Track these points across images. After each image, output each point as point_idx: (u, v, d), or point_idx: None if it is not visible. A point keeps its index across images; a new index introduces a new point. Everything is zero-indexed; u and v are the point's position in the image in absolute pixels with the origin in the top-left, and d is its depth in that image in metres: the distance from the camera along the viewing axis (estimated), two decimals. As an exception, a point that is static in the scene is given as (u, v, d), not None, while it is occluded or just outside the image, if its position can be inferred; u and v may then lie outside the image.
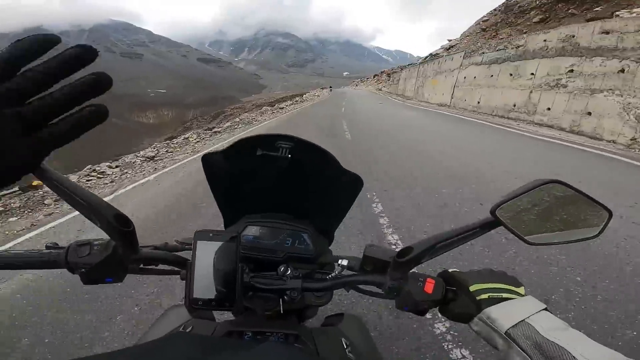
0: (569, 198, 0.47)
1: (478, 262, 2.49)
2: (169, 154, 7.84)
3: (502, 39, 15.70)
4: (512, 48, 10.74)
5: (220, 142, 8.64)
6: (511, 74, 10.46)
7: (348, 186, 0.66)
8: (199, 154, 7.14)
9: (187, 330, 0.56)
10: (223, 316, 0.60)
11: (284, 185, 0.67)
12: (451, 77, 15.73)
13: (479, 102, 12.45)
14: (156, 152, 7.98)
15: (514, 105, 10.17)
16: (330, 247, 0.76)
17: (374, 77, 79.18)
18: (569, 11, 14.16)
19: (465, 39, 22.37)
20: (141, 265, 0.54)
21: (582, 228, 0.49)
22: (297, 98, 33.03)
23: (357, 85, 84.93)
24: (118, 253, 0.49)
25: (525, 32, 14.18)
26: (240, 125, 12.66)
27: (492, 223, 0.48)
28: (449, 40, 25.48)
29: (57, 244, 0.52)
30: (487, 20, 22.92)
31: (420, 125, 9.89)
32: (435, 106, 16.81)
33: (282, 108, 21.13)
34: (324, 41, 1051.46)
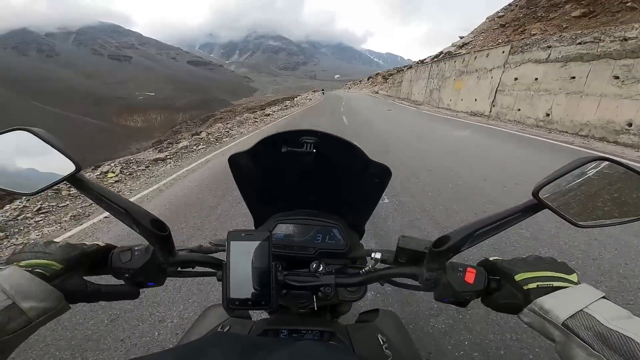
0: (618, 176, 0.44)
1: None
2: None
3: (534, 34, 13.76)
4: (614, 41, 7.17)
5: (148, 189, 4.91)
6: (617, 77, 6.87)
7: (376, 177, 0.64)
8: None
9: (225, 330, 0.56)
10: (258, 315, 0.58)
11: (311, 181, 0.67)
12: (488, 78, 11.95)
13: (548, 115, 8.64)
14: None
15: (630, 125, 6.50)
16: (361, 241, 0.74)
17: (368, 79, 76.01)
18: (628, 4, 11.83)
19: (481, 36, 20.18)
20: (179, 269, 0.55)
21: (634, 206, 0.45)
22: (287, 102, 30.09)
23: (349, 88, 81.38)
24: (157, 257, 0.51)
25: (566, 27, 12.85)
26: (201, 146, 8.56)
27: (535, 206, 0.46)
28: (461, 38, 22.87)
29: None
30: (502, 16, 20.59)
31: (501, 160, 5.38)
32: (464, 115, 12.83)
33: (268, 115, 17.93)
34: (315, 44, 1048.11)
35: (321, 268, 0.60)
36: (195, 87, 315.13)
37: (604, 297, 0.39)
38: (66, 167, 0.47)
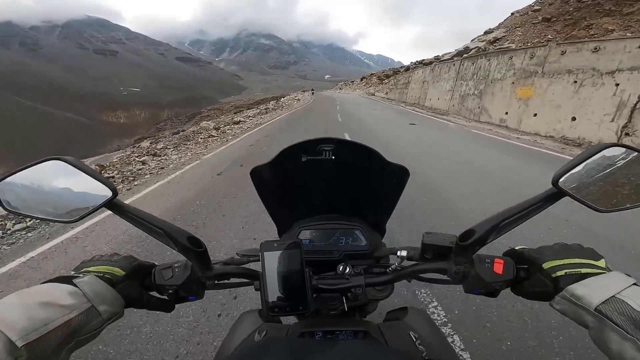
0: (633, 160, 0.45)
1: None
2: None
3: (610, 30, 12.43)
4: None
5: None
6: None
7: (394, 178, 0.65)
8: None
9: (263, 334, 0.58)
10: (287, 319, 0.63)
11: (331, 186, 0.68)
12: (607, 85, 7.46)
13: None
14: None
15: None
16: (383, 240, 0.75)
17: (361, 79, 69.72)
18: None
19: (517, 32, 17.64)
20: (216, 281, 0.57)
21: None
22: (271, 103, 26.33)
23: (341, 89, 76.45)
24: (196, 272, 0.53)
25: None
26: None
27: (556, 194, 0.47)
28: (488, 32, 20.34)
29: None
30: (538, 9, 18.37)
31: None
32: (547, 142, 8.15)
33: (239, 123, 13.86)
34: (307, 44, 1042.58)
35: (348, 270, 0.61)
36: (183, 84, 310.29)
37: (635, 284, 0.39)
38: (102, 192, 0.49)
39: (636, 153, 0.45)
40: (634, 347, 0.34)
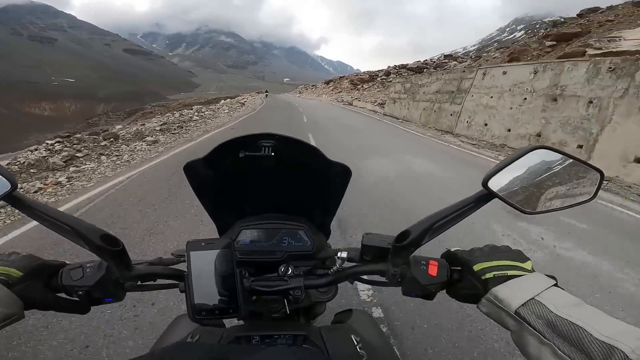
0: (558, 163, 0.48)
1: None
2: None
3: None
4: None
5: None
6: None
7: (337, 177, 0.65)
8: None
9: (195, 339, 0.55)
10: (232, 322, 0.59)
11: (272, 185, 0.67)
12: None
13: None
14: None
15: None
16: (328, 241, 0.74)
17: (327, 83, 60.26)
18: None
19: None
20: (138, 282, 0.54)
21: (576, 191, 0.49)
22: (203, 110, 17.47)
23: (301, 93, 68.00)
24: (112, 273, 0.49)
25: None
26: None
27: (486, 196, 0.48)
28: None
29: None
30: None
31: None
32: None
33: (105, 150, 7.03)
34: (268, 45, 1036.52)
35: (289, 271, 0.60)
36: (127, 77, 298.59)
37: (555, 285, 0.41)
38: (1, 185, 0.45)
39: (561, 156, 0.47)
40: (551, 352, 0.34)
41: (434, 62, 41.14)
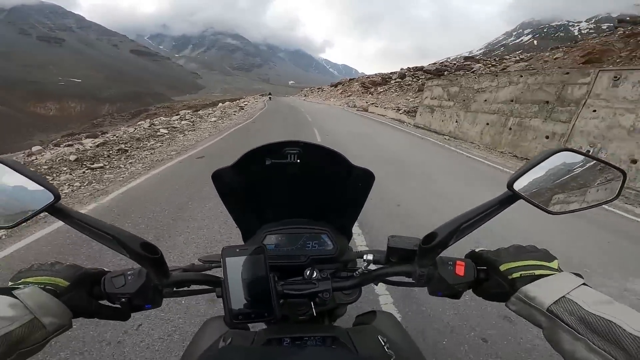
0: (581, 164, 0.49)
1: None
2: None
3: None
4: None
5: None
6: None
7: (360, 181, 0.66)
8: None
9: (228, 342, 0.57)
10: (255, 325, 0.60)
11: (297, 190, 0.69)
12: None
13: None
14: None
15: None
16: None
17: (335, 86, 55.90)
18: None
19: None
20: (175, 289, 0.55)
21: (599, 191, 0.50)
22: (182, 115, 14.57)
23: (306, 96, 63.86)
24: (151, 280, 0.51)
25: None
26: None
27: (511, 197, 0.49)
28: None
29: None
30: None
31: None
32: None
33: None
34: (274, 47, 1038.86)
35: (315, 274, 0.61)
36: (133, 78, 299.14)
37: (584, 284, 0.42)
38: (44, 197, 0.46)
39: (584, 157, 0.48)
40: (586, 347, 0.36)
41: (454, 64, 36.92)
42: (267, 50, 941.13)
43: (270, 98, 44.21)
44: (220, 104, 26.75)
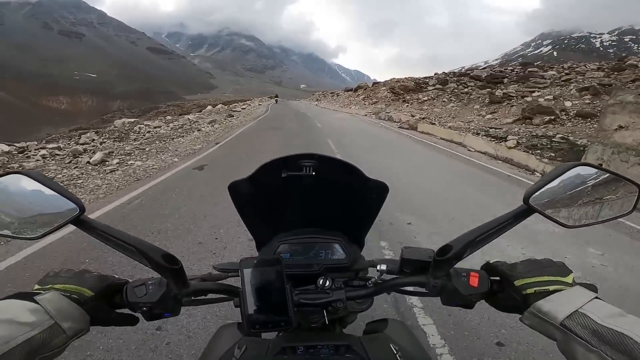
0: (597, 178, 0.49)
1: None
2: None
3: None
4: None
5: None
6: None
7: (374, 193, 0.67)
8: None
9: (242, 350, 0.58)
10: (268, 333, 0.62)
11: (311, 202, 0.69)
12: None
13: None
14: None
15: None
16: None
17: (355, 90, 46.79)
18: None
19: None
20: (192, 297, 0.56)
21: (614, 205, 0.50)
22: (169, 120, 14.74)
23: (318, 101, 56.96)
24: (171, 289, 0.52)
25: None
26: None
27: (526, 211, 0.50)
28: None
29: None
30: None
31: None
32: None
33: None
34: (287, 50, 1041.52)
35: (328, 283, 0.62)
36: (147, 76, 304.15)
37: (596, 297, 0.43)
38: (69, 209, 0.47)
39: (600, 172, 0.49)
40: (599, 358, 0.37)
41: (514, 70, 29.67)
42: (280, 53, 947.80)
43: (276, 101, 40.34)
44: (209, 107, 24.73)
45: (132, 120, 12.09)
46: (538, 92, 18.45)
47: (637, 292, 2.63)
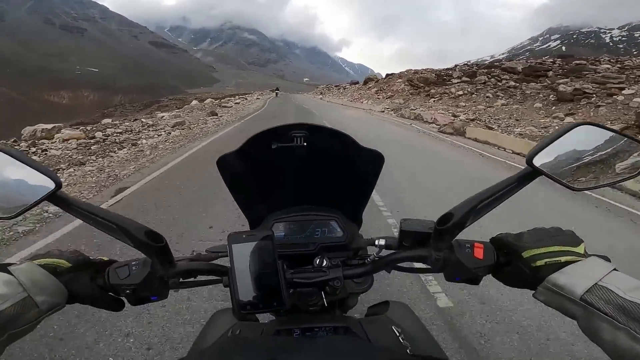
0: (603, 138, 0.47)
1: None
2: None
3: None
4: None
5: None
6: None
7: (369, 164, 0.64)
8: None
9: (237, 333, 0.56)
10: (264, 317, 0.61)
11: (304, 175, 0.67)
12: None
13: None
14: None
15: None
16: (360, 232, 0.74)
17: (365, 83, 43.43)
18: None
19: None
20: (180, 279, 0.54)
21: (622, 165, 0.48)
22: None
23: (323, 94, 54.04)
24: (157, 270, 0.50)
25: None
26: None
27: (531, 174, 0.47)
28: None
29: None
30: None
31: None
32: None
33: None
34: (290, 44, 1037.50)
35: (325, 262, 0.59)
36: (149, 70, 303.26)
37: (615, 269, 0.39)
38: (45, 185, 0.45)
39: (606, 131, 0.47)
40: (628, 336, 0.33)
41: (557, 63, 26.18)
42: (283, 46, 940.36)
43: (276, 94, 37.20)
44: (194, 102, 22.61)
45: (50, 127, 9.39)
46: (630, 89, 14.56)
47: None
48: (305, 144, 0.59)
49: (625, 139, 0.47)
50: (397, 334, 0.56)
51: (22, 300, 0.38)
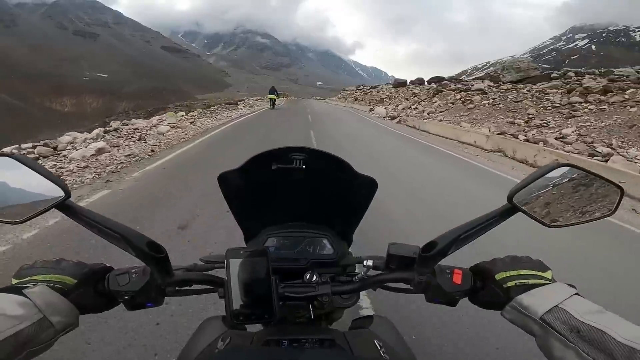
0: (580, 179, 0.50)
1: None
2: None
3: None
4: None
5: None
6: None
7: (363, 188, 0.67)
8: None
9: (227, 342, 0.58)
10: (252, 326, 0.62)
11: (300, 195, 0.69)
12: None
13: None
14: None
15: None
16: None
17: (398, 86, 36.09)
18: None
19: None
20: (177, 288, 0.56)
21: (596, 206, 0.51)
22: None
23: (346, 100, 45.43)
24: (155, 278, 0.52)
25: None
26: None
27: (510, 210, 0.50)
28: None
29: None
30: None
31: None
32: None
33: None
34: (303, 48, 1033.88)
35: (315, 278, 0.62)
36: (160, 75, 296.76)
37: (576, 294, 0.43)
38: (54, 193, 0.46)
39: (583, 173, 0.50)
40: (576, 355, 0.37)
41: None
42: (296, 50, 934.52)
43: (271, 105, 22.45)
44: (163, 114, 17.89)
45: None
46: None
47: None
48: (303, 166, 0.62)
49: (601, 180, 0.50)
50: (379, 348, 0.58)
51: (38, 321, 0.41)
